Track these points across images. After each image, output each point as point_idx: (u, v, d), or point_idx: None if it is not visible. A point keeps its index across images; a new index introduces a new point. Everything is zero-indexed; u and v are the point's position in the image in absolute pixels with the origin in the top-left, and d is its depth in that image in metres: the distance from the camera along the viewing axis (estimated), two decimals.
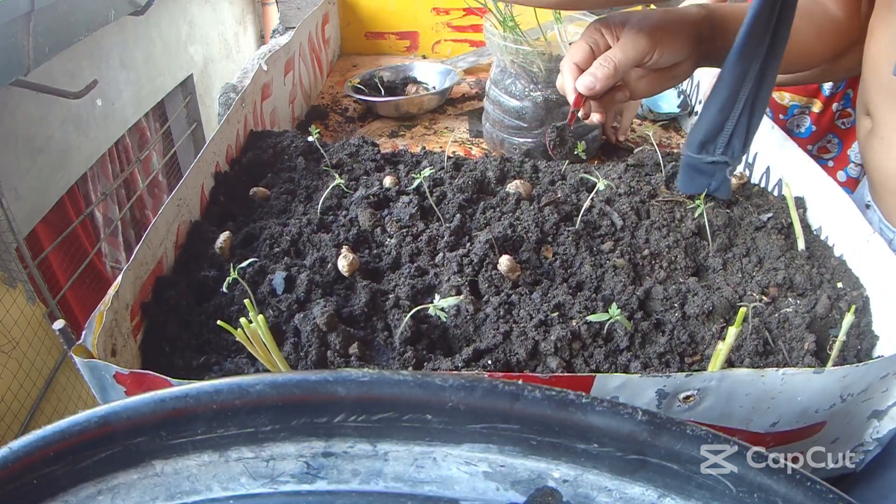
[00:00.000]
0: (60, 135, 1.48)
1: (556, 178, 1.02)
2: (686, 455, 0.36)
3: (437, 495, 0.37)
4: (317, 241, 0.85)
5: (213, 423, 0.37)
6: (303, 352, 0.69)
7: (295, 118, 1.44)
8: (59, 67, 1.44)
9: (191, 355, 0.70)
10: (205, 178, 0.95)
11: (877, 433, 0.67)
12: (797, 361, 0.69)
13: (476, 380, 0.37)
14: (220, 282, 0.77)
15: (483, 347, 0.69)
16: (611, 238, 0.87)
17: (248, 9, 2.57)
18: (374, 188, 0.96)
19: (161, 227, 0.79)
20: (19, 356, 1.27)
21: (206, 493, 0.37)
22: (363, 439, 0.38)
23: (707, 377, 0.58)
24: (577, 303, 0.75)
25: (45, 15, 1.25)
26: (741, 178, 1.01)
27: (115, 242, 1.88)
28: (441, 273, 0.80)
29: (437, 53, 1.89)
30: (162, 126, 2.09)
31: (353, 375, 0.37)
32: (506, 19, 1.14)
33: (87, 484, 0.37)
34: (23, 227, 1.33)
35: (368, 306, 0.75)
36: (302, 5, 2.07)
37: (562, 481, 0.37)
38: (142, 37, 1.82)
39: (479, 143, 1.37)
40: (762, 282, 0.78)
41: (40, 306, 1.34)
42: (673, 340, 0.71)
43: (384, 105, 1.47)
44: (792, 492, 0.34)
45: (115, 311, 0.65)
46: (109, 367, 0.57)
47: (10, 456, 0.35)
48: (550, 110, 1.18)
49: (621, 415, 0.36)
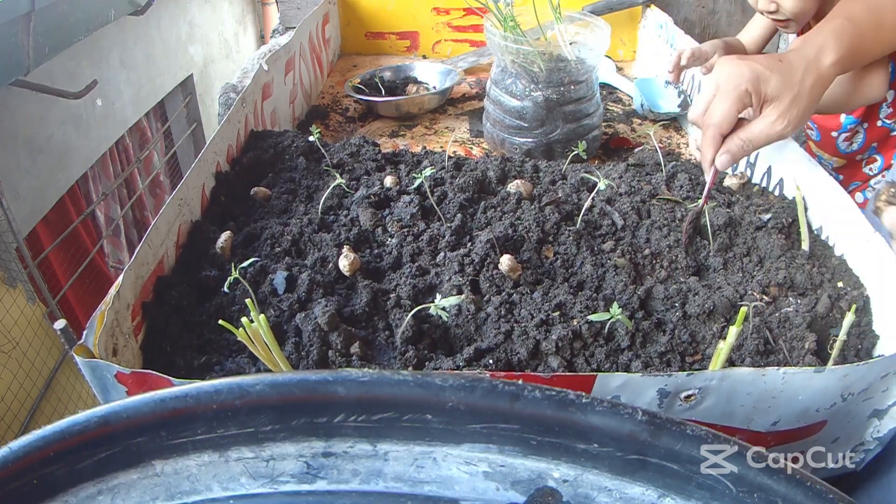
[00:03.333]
0: (60, 135, 1.48)
1: (557, 177, 1.02)
2: (686, 455, 0.36)
3: (437, 495, 0.37)
4: (318, 240, 0.85)
5: (213, 423, 0.37)
6: (304, 351, 0.69)
7: (295, 118, 1.44)
8: (59, 67, 1.44)
9: (192, 355, 0.70)
10: (206, 177, 0.95)
11: (877, 432, 0.66)
12: (798, 361, 0.69)
13: (476, 380, 0.37)
14: (221, 281, 0.77)
15: (484, 347, 0.69)
16: (612, 238, 0.87)
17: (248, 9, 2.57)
18: (374, 188, 0.96)
19: (162, 227, 0.79)
20: (19, 356, 1.27)
21: (206, 493, 0.37)
22: (363, 439, 0.38)
23: (708, 376, 0.58)
24: (578, 302, 0.74)
25: (45, 15, 1.25)
26: (742, 178, 1.01)
27: (117, 242, 1.88)
28: (442, 272, 0.80)
29: (437, 53, 1.89)
30: (162, 126, 2.09)
31: (353, 375, 0.37)
32: (506, 19, 1.14)
33: (87, 484, 0.37)
34: (23, 227, 1.33)
35: (370, 306, 0.75)
36: (302, 5, 2.07)
37: (562, 481, 0.37)
38: (142, 37, 1.82)
39: (480, 143, 1.37)
40: (763, 281, 0.78)
41: (40, 306, 1.34)
42: (674, 340, 0.71)
43: (385, 105, 1.47)
44: (792, 492, 0.34)
45: (116, 311, 0.66)
46: (111, 366, 0.57)
47: (10, 456, 0.35)
48: (551, 110, 1.18)
49: (621, 415, 0.36)
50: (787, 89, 0.76)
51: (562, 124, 1.19)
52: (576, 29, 1.19)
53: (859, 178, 1.21)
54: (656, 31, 1.67)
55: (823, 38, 0.79)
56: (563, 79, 1.16)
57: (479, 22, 1.78)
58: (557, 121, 1.19)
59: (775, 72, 0.76)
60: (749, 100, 0.76)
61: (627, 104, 1.55)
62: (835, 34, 0.79)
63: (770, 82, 0.75)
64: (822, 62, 0.78)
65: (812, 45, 0.79)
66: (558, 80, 1.16)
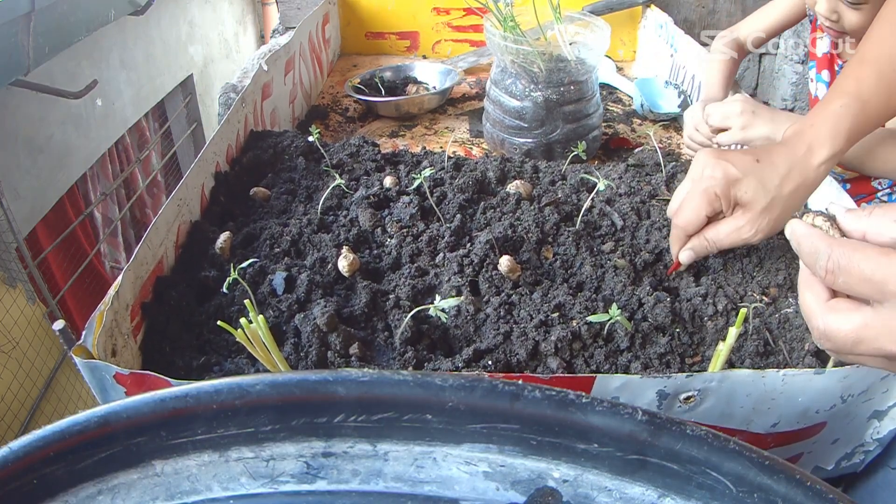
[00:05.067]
0: (60, 135, 1.48)
1: (557, 178, 1.02)
2: (686, 455, 0.36)
3: (437, 495, 0.37)
4: (317, 241, 0.85)
5: (213, 423, 0.37)
6: (303, 352, 0.69)
7: (295, 118, 1.44)
8: (59, 67, 1.44)
9: (191, 355, 0.70)
10: (205, 177, 0.95)
11: (877, 433, 0.67)
12: (798, 362, 0.69)
13: (476, 380, 0.37)
14: (220, 282, 0.77)
15: (483, 348, 0.69)
16: (611, 238, 0.87)
17: (248, 9, 2.57)
18: (374, 188, 0.96)
19: (161, 227, 0.79)
20: (19, 356, 1.27)
21: (206, 493, 0.37)
22: (363, 439, 0.38)
23: (708, 378, 0.58)
24: (577, 303, 0.74)
25: (45, 15, 1.25)
26: None
27: (115, 242, 1.88)
28: (441, 273, 0.80)
29: (437, 53, 1.89)
30: (162, 126, 2.09)
31: (352, 375, 0.37)
32: (506, 19, 1.14)
33: (87, 484, 0.37)
34: (23, 227, 1.33)
35: (369, 306, 0.75)
36: (302, 5, 2.07)
37: (562, 481, 0.37)
38: (142, 37, 1.82)
39: (480, 143, 1.37)
40: (763, 282, 0.78)
41: (40, 306, 1.34)
42: (673, 341, 0.71)
43: (384, 105, 1.47)
44: (792, 492, 0.34)
45: (115, 311, 0.65)
46: (110, 367, 0.57)
47: (10, 456, 0.35)
48: (551, 110, 1.18)
49: (621, 415, 0.36)
50: (761, 195, 0.70)
51: (562, 124, 1.19)
52: (576, 29, 1.19)
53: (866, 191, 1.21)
54: (656, 31, 1.67)
55: (818, 131, 0.72)
56: (563, 79, 1.16)
57: (479, 22, 1.78)
58: (557, 121, 1.19)
59: (749, 175, 0.70)
60: (718, 204, 0.72)
61: (627, 104, 1.55)
62: (833, 124, 0.71)
63: (741, 187, 0.70)
64: (810, 162, 0.71)
65: (803, 141, 0.72)
66: (558, 81, 1.16)
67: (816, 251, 0.46)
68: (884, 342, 0.44)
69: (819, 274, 0.47)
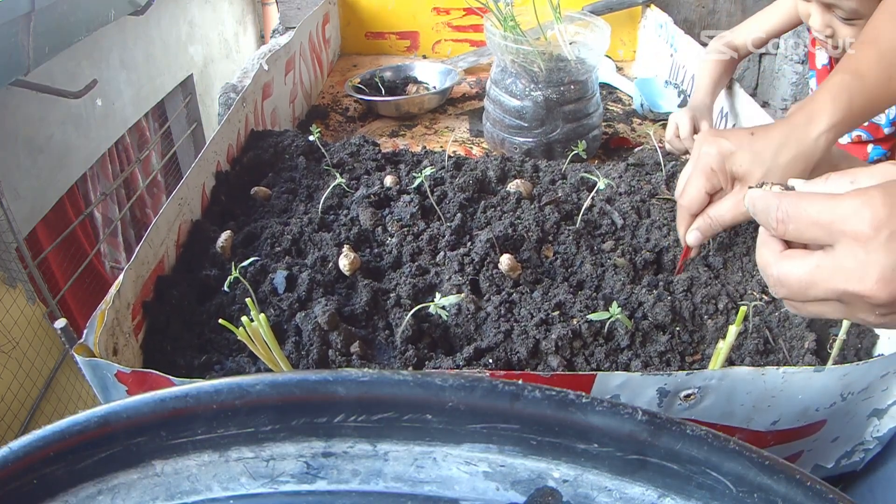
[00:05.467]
0: (60, 135, 1.48)
1: (557, 177, 1.02)
2: (686, 455, 0.36)
3: (437, 495, 0.37)
4: (318, 240, 0.85)
5: (213, 423, 0.37)
6: (304, 351, 0.69)
7: (295, 118, 1.44)
8: (59, 67, 1.44)
9: (192, 354, 0.70)
10: (206, 177, 0.95)
11: (877, 432, 0.67)
12: (797, 360, 0.69)
13: (476, 379, 0.37)
14: (221, 281, 0.77)
15: (484, 346, 0.69)
16: (611, 237, 0.87)
17: (248, 9, 2.57)
18: (374, 187, 0.96)
19: (162, 227, 0.79)
20: (19, 356, 1.27)
21: (206, 493, 0.37)
22: (363, 439, 0.38)
23: (708, 375, 0.58)
24: (577, 302, 0.74)
25: (45, 15, 1.25)
26: None
27: (115, 242, 1.88)
28: (442, 272, 0.80)
29: (437, 53, 1.89)
30: (162, 126, 2.09)
31: (352, 375, 0.37)
32: (506, 19, 1.14)
33: (87, 484, 0.37)
34: (23, 227, 1.33)
35: (370, 305, 0.75)
36: (302, 5, 2.07)
37: (562, 481, 0.37)
38: (142, 37, 1.82)
39: (480, 143, 1.37)
40: (763, 280, 0.78)
41: (40, 306, 1.34)
42: (674, 339, 0.71)
43: (385, 105, 1.47)
44: (792, 492, 0.34)
45: (116, 310, 0.66)
46: (111, 366, 0.57)
47: (10, 456, 0.35)
48: (551, 110, 1.18)
49: (621, 415, 0.36)
50: (756, 167, 0.71)
51: (562, 124, 1.19)
52: (576, 29, 1.19)
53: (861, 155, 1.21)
54: (656, 31, 1.67)
55: (818, 103, 0.72)
56: (563, 78, 1.16)
57: (479, 22, 1.77)
58: (557, 120, 1.19)
59: (743, 149, 0.72)
60: (717, 179, 0.73)
61: (627, 104, 1.55)
62: (832, 95, 0.72)
63: (736, 160, 0.71)
64: (809, 132, 0.71)
65: (804, 112, 0.73)
66: (558, 80, 1.16)
67: (767, 207, 0.48)
68: (837, 282, 0.44)
69: (771, 226, 0.48)
